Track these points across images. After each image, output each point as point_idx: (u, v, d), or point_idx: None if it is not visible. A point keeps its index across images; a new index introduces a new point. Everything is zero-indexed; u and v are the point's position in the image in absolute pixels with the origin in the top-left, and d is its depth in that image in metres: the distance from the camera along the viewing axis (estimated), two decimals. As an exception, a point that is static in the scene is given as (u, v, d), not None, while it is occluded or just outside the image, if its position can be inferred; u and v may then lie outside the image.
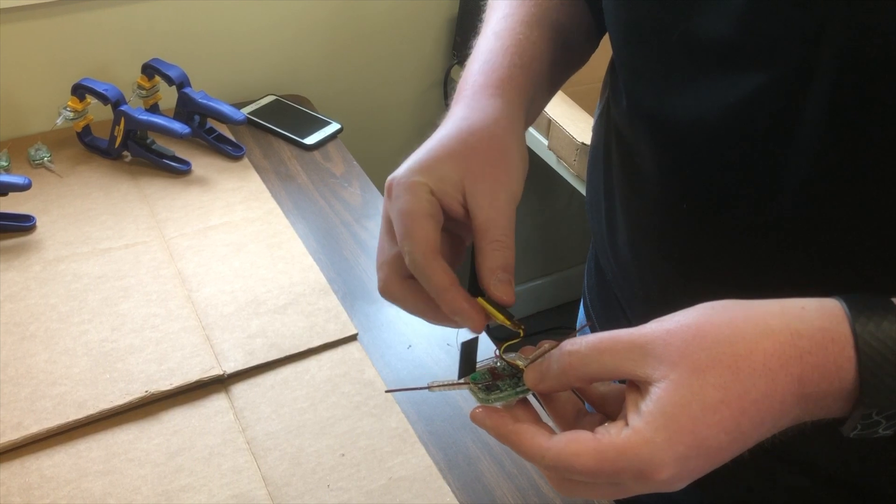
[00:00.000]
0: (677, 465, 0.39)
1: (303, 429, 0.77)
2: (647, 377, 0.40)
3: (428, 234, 0.48)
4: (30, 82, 1.13)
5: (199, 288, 0.92)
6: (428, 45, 1.46)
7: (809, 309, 0.40)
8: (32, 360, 0.81)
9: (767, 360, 0.39)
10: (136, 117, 1.06)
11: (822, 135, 0.45)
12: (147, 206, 1.03)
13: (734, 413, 0.39)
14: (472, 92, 0.54)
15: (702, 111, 0.50)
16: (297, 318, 0.88)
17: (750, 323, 0.40)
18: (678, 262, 0.57)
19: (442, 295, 0.47)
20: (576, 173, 1.20)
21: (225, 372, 0.82)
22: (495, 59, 0.56)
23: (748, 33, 0.46)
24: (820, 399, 0.39)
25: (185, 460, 0.74)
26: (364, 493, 0.72)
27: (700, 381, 0.39)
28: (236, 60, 1.28)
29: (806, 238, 0.49)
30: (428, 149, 0.51)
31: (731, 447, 0.39)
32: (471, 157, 0.50)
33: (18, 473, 0.72)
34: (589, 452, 0.40)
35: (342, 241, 1.02)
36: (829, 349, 0.39)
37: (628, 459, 0.39)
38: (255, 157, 1.15)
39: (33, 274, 0.92)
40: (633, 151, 0.59)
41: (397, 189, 0.49)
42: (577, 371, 0.43)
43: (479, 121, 0.52)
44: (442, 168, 0.49)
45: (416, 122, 1.53)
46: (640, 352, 0.41)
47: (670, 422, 0.39)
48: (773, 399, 0.39)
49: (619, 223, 0.63)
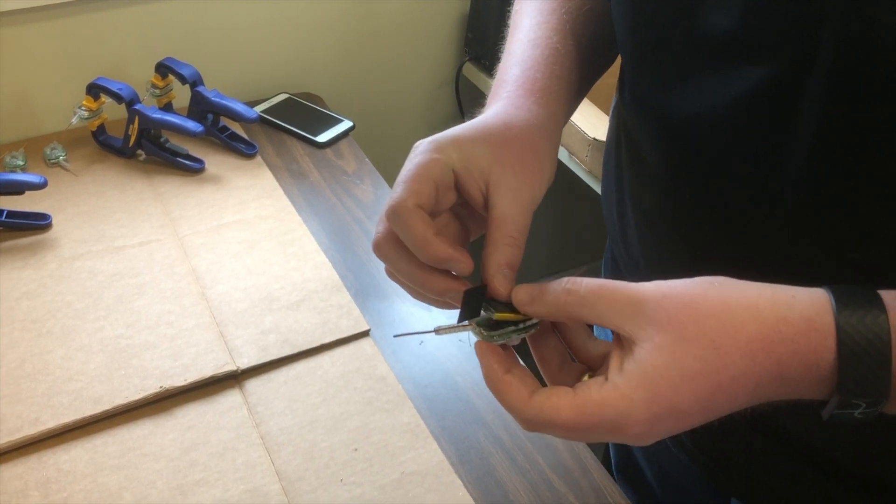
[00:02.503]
0: (650, 423, 0.41)
1: (316, 424, 0.78)
2: (633, 335, 0.42)
3: (421, 188, 0.47)
4: (45, 82, 1.15)
5: (213, 285, 0.92)
6: (440, 43, 1.46)
7: (799, 297, 0.42)
8: (49, 357, 0.82)
9: (750, 343, 0.40)
10: (150, 116, 1.06)
11: (822, 126, 0.45)
12: (161, 204, 1.04)
13: (710, 385, 0.40)
14: (514, 93, 0.54)
15: (704, 104, 0.50)
16: (310, 315, 0.89)
17: (741, 303, 0.41)
18: (685, 253, 0.58)
19: (423, 245, 0.47)
20: (588, 169, 1.20)
21: (239, 368, 0.82)
22: (536, 68, 0.56)
23: (750, 27, 0.46)
24: (798, 383, 0.41)
25: (200, 455, 0.75)
26: (377, 487, 0.73)
27: (682, 350, 0.40)
28: (249, 59, 1.29)
29: (808, 228, 0.49)
30: (464, 126, 0.51)
31: (702, 414, 0.41)
32: (504, 147, 0.50)
33: (36, 468, 0.73)
34: (569, 406, 0.42)
35: (354, 238, 1.02)
36: (811, 338, 0.40)
37: (605, 413, 0.41)
38: (267, 155, 1.16)
39: (49, 271, 0.93)
40: (639, 144, 0.59)
41: (418, 149, 0.49)
42: (570, 309, 0.44)
43: (520, 119, 0.52)
44: (473, 148, 0.49)
45: (428, 119, 1.54)
46: (633, 308, 0.42)
47: (649, 382, 0.40)
48: (751, 379, 0.40)
49: (629, 215, 0.64)
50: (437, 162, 0.48)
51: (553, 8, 0.61)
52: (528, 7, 0.63)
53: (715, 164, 0.52)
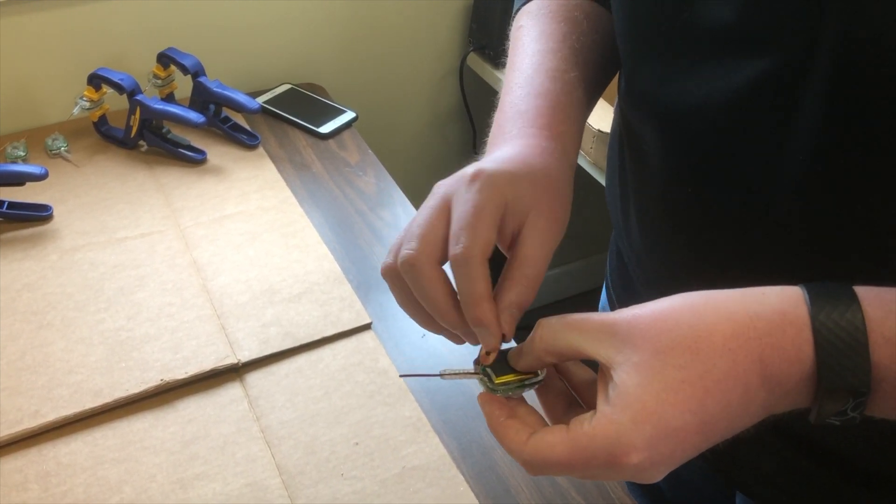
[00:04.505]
0: (647, 448, 0.40)
1: (317, 418, 0.78)
2: (610, 359, 0.41)
3: (490, 236, 0.47)
4: (46, 72, 1.14)
5: (214, 277, 0.92)
6: (443, 33, 1.45)
7: (769, 294, 0.41)
8: (49, 349, 0.82)
9: (727, 341, 0.40)
10: (151, 107, 1.06)
11: (823, 120, 0.45)
12: (163, 196, 1.04)
13: (697, 392, 0.39)
14: (541, 134, 0.53)
15: (704, 97, 0.50)
16: (312, 307, 0.88)
17: (709, 306, 0.41)
18: (686, 245, 0.58)
19: (477, 303, 0.46)
20: (592, 161, 1.19)
21: (239, 361, 0.82)
22: (559, 107, 0.55)
23: (750, 19, 0.46)
24: (784, 382, 0.40)
25: (200, 449, 0.74)
26: (378, 481, 0.72)
27: (661, 362, 0.40)
28: (251, 49, 1.28)
29: (807, 224, 0.49)
30: (510, 159, 0.50)
31: (700, 430, 0.40)
32: (543, 188, 0.50)
33: (36, 461, 0.72)
34: (562, 442, 0.42)
35: (357, 230, 1.02)
36: (786, 331, 0.40)
37: (597, 443, 0.40)
38: (270, 146, 1.15)
39: (50, 263, 0.92)
40: (640, 137, 0.59)
41: (484, 180, 0.48)
42: (546, 344, 0.45)
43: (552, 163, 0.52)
44: (521, 187, 0.49)
45: (431, 110, 1.53)
46: (605, 332, 0.42)
47: (633, 402, 0.40)
48: (737, 379, 0.40)
49: (631, 208, 0.64)
50: (499, 202, 0.47)
51: (563, 35, 0.60)
52: (534, 30, 0.62)
53: (714, 158, 0.52)
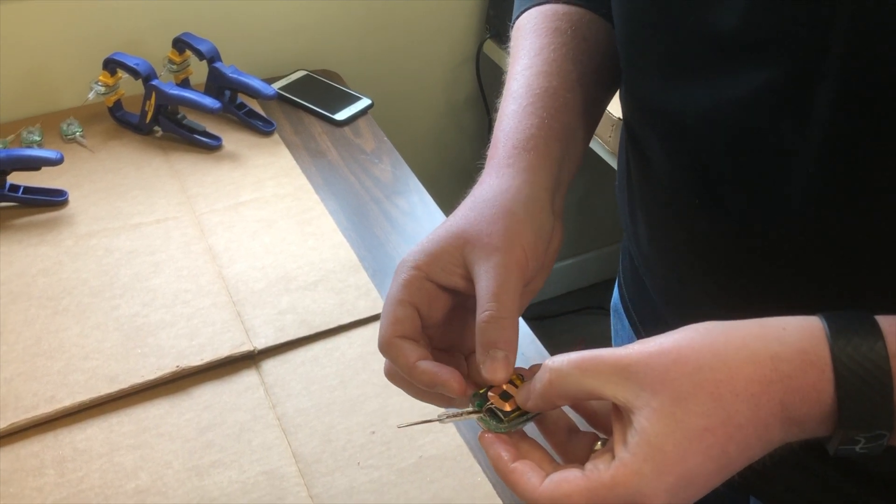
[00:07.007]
0: (668, 495, 0.39)
1: (333, 406, 0.77)
2: (629, 403, 0.40)
3: (396, 317, 0.48)
4: (61, 57, 1.13)
5: (230, 264, 0.91)
6: (460, 19, 1.43)
7: (790, 329, 0.40)
8: (65, 335, 0.82)
9: (749, 385, 0.39)
10: (166, 92, 1.05)
11: (832, 127, 0.43)
12: (178, 182, 1.03)
13: (720, 440, 0.38)
14: (505, 167, 0.53)
15: (709, 105, 0.48)
16: (328, 295, 0.88)
17: (731, 347, 0.40)
18: (691, 254, 0.57)
19: (411, 372, 0.47)
20: (611, 150, 1.18)
21: (255, 348, 0.81)
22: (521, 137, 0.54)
23: (757, 26, 0.44)
24: (803, 422, 0.39)
25: (216, 436, 0.74)
26: (394, 471, 0.72)
27: (683, 409, 0.39)
28: (267, 35, 1.27)
29: (815, 233, 0.48)
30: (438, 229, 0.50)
31: (720, 473, 0.39)
32: (471, 228, 0.49)
33: (52, 446, 0.72)
34: (580, 492, 0.40)
35: (372, 218, 1.01)
36: (808, 373, 0.39)
37: (618, 494, 0.39)
38: (285, 133, 1.14)
39: (65, 248, 0.92)
40: (644, 143, 0.58)
41: (396, 272, 0.49)
42: (559, 389, 0.43)
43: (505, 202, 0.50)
44: (441, 247, 0.49)
45: (447, 97, 1.51)
46: (621, 375, 0.40)
47: (657, 452, 0.38)
48: (758, 424, 0.39)
49: (638, 212, 0.63)
50: (411, 281, 0.48)
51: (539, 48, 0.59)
52: (515, 49, 0.61)
53: (721, 166, 0.51)
